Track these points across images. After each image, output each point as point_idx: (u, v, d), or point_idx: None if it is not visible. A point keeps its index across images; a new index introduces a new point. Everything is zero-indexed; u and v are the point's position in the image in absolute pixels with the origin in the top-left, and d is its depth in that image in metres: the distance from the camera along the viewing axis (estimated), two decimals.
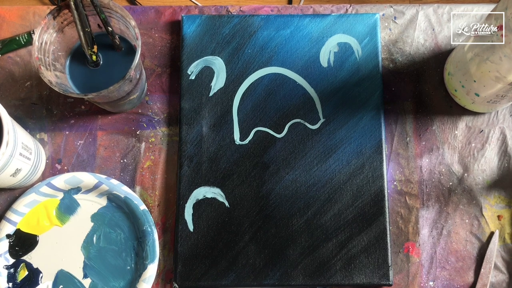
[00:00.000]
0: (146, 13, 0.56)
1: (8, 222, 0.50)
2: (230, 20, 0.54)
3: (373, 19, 0.54)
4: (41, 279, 0.50)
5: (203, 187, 0.51)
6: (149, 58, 0.55)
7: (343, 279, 0.49)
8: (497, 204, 0.52)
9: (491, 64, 0.44)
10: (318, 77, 0.53)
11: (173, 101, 0.54)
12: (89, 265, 0.50)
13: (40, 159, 0.51)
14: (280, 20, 0.54)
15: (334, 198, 0.51)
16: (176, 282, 0.49)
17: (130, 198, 0.50)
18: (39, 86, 0.54)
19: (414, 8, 0.56)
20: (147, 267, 0.49)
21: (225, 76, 0.53)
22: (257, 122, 0.52)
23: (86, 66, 0.48)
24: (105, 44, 0.48)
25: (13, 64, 0.54)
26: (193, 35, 0.54)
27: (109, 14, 0.46)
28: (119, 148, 0.53)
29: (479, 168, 0.53)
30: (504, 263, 0.51)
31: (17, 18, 0.55)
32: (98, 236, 0.51)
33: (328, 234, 0.50)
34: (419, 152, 0.53)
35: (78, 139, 0.53)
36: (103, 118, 0.53)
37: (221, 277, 0.49)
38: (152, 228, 0.50)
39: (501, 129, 0.53)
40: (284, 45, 0.54)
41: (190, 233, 0.50)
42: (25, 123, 0.53)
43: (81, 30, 0.46)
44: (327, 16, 0.54)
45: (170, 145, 0.53)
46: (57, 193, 0.51)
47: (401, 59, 0.55)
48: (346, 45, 0.54)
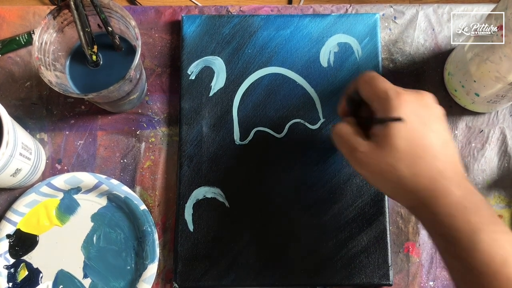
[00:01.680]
0: (146, 13, 0.56)
1: (8, 222, 0.50)
2: (230, 20, 0.54)
3: (373, 19, 0.54)
4: (41, 279, 0.50)
5: (203, 187, 0.51)
6: (149, 58, 0.55)
7: (343, 279, 0.49)
8: (497, 204, 0.52)
9: (491, 64, 0.44)
10: (318, 77, 0.53)
11: (173, 101, 0.54)
12: (89, 265, 0.50)
13: (40, 159, 0.51)
14: (280, 20, 0.54)
15: (334, 198, 0.51)
16: (176, 282, 0.49)
17: (130, 198, 0.50)
18: (39, 86, 0.54)
19: (414, 8, 0.56)
20: (147, 267, 0.49)
21: (225, 76, 0.53)
22: (257, 122, 0.52)
23: (86, 66, 0.48)
24: (105, 44, 0.48)
25: (13, 64, 0.54)
26: (193, 35, 0.54)
27: (109, 14, 0.46)
28: (119, 148, 0.53)
29: (479, 168, 0.53)
30: None
31: (17, 18, 0.55)
32: (98, 236, 0.51)
33: (328, 234, 0.50)
34: None
35: (78, 139, 0.53)
36: (103, 118, 0.53)
37: (221, 277, 0.49)
38: (152, 228, 0.50)
39: (501, 129, 0.53)
40: (284, 45, 0.54)
41: (190, 233, 0.50)
42: (25, 123, 0.53)
43: (81, 30, 0.46)
44: (327, 16, 0.54)
45: (170, 145, 0.53)
46: (57, 193, 0.51)
47: (401, 59, 0.55)
48: (346, 45, 0.54)
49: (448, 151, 0.39)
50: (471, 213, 0.37)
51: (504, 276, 0.35)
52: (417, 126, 0.38)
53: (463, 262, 0.37)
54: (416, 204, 0.39)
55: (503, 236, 0.36)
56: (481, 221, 0.36)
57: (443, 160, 0.38)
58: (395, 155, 0.38)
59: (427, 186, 0.38)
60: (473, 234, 0.36)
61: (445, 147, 0.39)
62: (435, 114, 0.40)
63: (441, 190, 0.38)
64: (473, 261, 0.36)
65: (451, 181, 0.38)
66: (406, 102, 0.39)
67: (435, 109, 0.40)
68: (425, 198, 0.38)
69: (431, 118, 0.39)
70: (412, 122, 0.38)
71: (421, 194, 0.38)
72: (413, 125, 0.38)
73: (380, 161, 0.39)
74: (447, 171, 0.38)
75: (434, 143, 0.39)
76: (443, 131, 0.40)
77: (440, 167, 0.38)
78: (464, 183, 0.38)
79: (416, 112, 0.39)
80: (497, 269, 0.35)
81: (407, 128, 0.38)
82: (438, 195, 0.38)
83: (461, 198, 0.37)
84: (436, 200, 0.38)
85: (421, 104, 0.40)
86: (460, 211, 0.37)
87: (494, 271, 0.35)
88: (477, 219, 0.37)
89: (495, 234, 0.36)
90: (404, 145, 0.38)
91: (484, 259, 0.35)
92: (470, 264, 0.36)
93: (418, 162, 0.38)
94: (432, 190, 0.38)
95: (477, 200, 0.38)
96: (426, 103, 0.40)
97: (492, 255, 0.35)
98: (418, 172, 0.38)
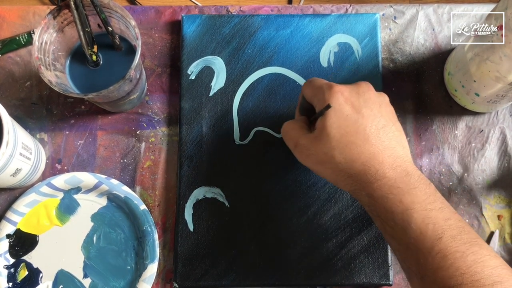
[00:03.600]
0: (146, 13, 0.56)
1: (8, 222, 0.50)
2: (230, 20, 0.54)
3: (373, 19, 0.54)
4: (41, 279, 0.50)
5: (203, 187, 0.51)
6: (149, 58, 0.55)
7: (343, 279, 0.49)
8: (497, 204, 0.52)
9: (491, 64, 0.44)
10: (318, 77, 0.53)
11: (173, 101, 0.54)
12: (89, 265, 0.50)
13: (40, 159, 0.51)
14: (280, 20, 0.54)
15: (334, 198, 0.51)
16: (176, 282, 0.49)
17: (130, 198, 0.50)
18: (39, 86, 0.54)
19: (414, 8, 0.56)
20: (147, 267, 0.49)
21: (225, 76, 0.53)
22: (257, 122, 0.52)
23: (86, 66, 0.48)
24: (105, 44, 0.48)
25: (13, 64, 0.54)
26: (193, 35, 0.54)
27: (109, 14, 0.46)
28: (119, 148, 0.53)
29: (479, 168, 0.53)
30: None
31: (17, 18, 0.55)
32: (98, 236, 0.51)
33: (328, 234, 0.50)
34: (419, 152, 0.53)
35: (78, 139, 0.53)
36: (103, 118, 0.53)
37: (221, 277, 0.49)
38: (152, 228, 0.50)
39: (501, 129, 0.53)
40: (284, 45, 0.54)
41: (190, 233, 0.50)
42: (25, 123, 0.53)
43: (81, 30, 0.46)
44: (327, 16, 0.54)
45: (170, 145, 0.53)
46: (57, 193, 0.51)
47: (401, 59, 0.55)
48: (346, 45, 0.54)
49: (384, 134, 0.40)
50: (404, 194, 0.38)
51: (438, 251, 0.36)
52: (349, 113, 0.40)
53: (400, 241, 0.38)
54: (354, 188, 0.40)
55: (437, 213, 0.37)
56: (413, 201, 0.38)
57: (375, 144, 0.39)
58: (330, 143, 0.40)
59: (360, 170, 0.39)
60: (406, 214, 0.37)
61: (380, 131, 0.40)
62: (371, 100, 0.41)
63: (374, 173, 0.39)
64: (407, 239, 0.37)
65: (384, 164, 0.39)
66: (337, 92, 0.40)
67: (371, 96, 0.41)
68: (360, 182, 0.40)
69: (365, 104, 0.40)
70: (344, 110, 0.40)
71: (356, 178, 0.40)
72: (345, 112, 0.40)
73: (318, 151, 0.41)
74: (380, 154, 0.39)
75: (367, 128, 0.39)
76: (380, 116, 0.40)
77: (372, 151, 0.39)
78: (401, 164, 0.39)
79: (349, 101, 0.40)
80: (432, 245, 0.36)
81: (339, 116, 0.40)
82: (371, 178, 0.39)
83: (393, 180, 0.38)
84: (370, 183, 0.39)
85: (354, 92, 0.41)
86: (393, 192, 0.38)
87: (428, 247, 0.36)
88: (409, 198, 0.38)
89: (428, 212, 0.37)
90: (337, 133, 0.39)
91: (418, 237, 0.37)
92: (406, 242, 0.37)
93: (350, 147, 0.39)
94: (365, 174, 0.39)
95: (413, 180, 0.39)
96: (359, 91, 0.41)
97: (425, 232, 0.36)
98: (351, 157, 0.39)
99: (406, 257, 0.38)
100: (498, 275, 0.34)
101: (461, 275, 0.34)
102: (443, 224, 0.37)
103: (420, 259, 0.36)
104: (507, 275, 0.35)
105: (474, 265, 0.35)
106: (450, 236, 0.36)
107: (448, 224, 0.37)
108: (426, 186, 0.39)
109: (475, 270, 0.34)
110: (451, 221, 0.37)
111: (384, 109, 0.41)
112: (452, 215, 0.38)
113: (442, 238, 0.36)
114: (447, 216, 0.37)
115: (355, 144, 0.39)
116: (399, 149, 0.40)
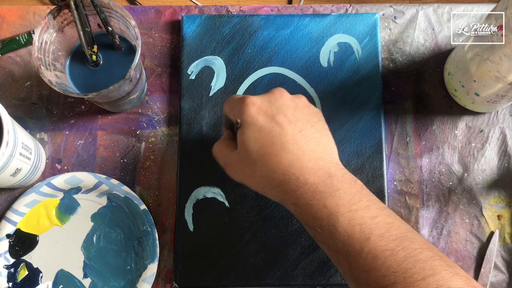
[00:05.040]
0: (146, 13, 0.56)
1: (8, 222, 0.50)
2: (230, 20, 0.54)
3: (373, 19, 0.54)
4: (41, 279, 0.50)
5: (203, 187, 0.51)
6: (149, 58, 0.55)
7: (343, 279, 0.49)
8: (497, 204, 0.52)
9: (491, 64, 0.44)
10: (318, 77, 0.53)
11: (173, 101, 0.54)
12: (89, 265, 0.50)
13: (40, 159, 0.51)
14: (280, 20, 0.54)
15: None
16: (176, 282, 0.49)
17: (130, 198, 0.50)
18: (39, 86, 0.54)
19: (414, 8, 0.56)
20: (147, 267, 0.49)
21: (225, 76, 0.53)
22: None
23: (86, 66, 0.48)
24: (105, 44, 0.48)
25: (13, 64, 0.54)
26: (193, 35, 0.54)
27: (109, 14, 0.46)
28: (119, 148, 0.53)
29: (479, 168, 0.53)
30: (504, 263, 0.51)
31: (17, 18, 0.55)
32: (98, 236, 0.51)
33: None
34: (419, 152, 0.53)
35: (78, 139, 0.53)
36: (103, 118, 0.53)
37: (221, 277, 0.49)
38: (152, 228, 0.50)
39: (501, 129, 0.53)
40: (284, 45, 0.54)
41: (190, 233, 0.50)
42: (25, 123, 0.53)
43: (81, 30, 0.46)
44: (327, 16, 0.54)
45: (170, 145, 0.53)
46: (57, 193, 0.51)
47: (401, 59, 0.55)
48: (346, 45, 0.54)
49: (302, 139, 0.38)
50: (327, 197, 0.36)
51: (368, 252, 0.35)
52: (263, 124, 0.38)
53: (330, 246, 0.37)
54: (281, 199, 0.39)
55: (363, 213, 0.36)
56: (337, 203, 0.36)
57: (293, 151, 0.38)
58: (251, 157, 0.39)
59: (281, 180, 0.38)
60: (331, 219, 0.36)
61: (297, 136, 0.38)
62: (284, 106, 0.39)
63: (295, 181, 0.37)
64: (336, 244, 0.36)
65: (303, 170, 0.37)
66: (249, 104, 0.39)
67: (284, 102, 0.40)
68: (284, 192, 0.38)
69: (278, 111, 0.39)
70: (257, 122, 0.39)
71: (280, 188, 0.38)
72: (258, 124, 0.38)
73: (243, 167, 0.40)
74: (299, 160, 0.38)
75: (283, 136, 0.38)
76: (296, 120, 0.39)
77: (290, 158, 0.38)
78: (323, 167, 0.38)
79: (262, 111, 0.39)
80: (361, 247, 0.35)
81: (252, 129, 0.39)
82: (293, 187, 0.38)
83: (315, 185, 0.37)
84: (292, 192, 0.38)
85: (266, 101, 0.40)
86: (316, 198, 0.37)
87: (358, 250, 0.35)
88: (333, 202, 0.36)
89: (353, 213, 0.36)
90: (255, 146, 0.38)
91: (346, 241, 0.35)
92: (335, 247, 0.36)
93: (269, 158, 0.38)
94: (287, 183, 0.38)
95: (336, 182, 0.37)
96: (271, 99, 0.40)
97: (352, 234, 0.35)
98: (271, 168, 0.38)
99: (339, 261, 0.37)
100: (430, 268, 0.33)
101: (393, 273, 0.33)
102: (370, 223, 0.35)
103: (351, 262, 0.35)
104: (439, 267, 0.33)
105: (405, 261, 0.33)
106: (378, 235, 0.35)
107: (375, 222, 0.35)
108: (351, 185, 0.37)
109: (406, 267, 0.33)
110: (378, 218, 0.36)
111: (300, 112, 0.40)
112: (379, 212, 0.36)
113: (370, 238, 0.35)
114: (374, 214, 0.36)
115: (272, 154, 0.38)
116: (319, 150, 0.39)
